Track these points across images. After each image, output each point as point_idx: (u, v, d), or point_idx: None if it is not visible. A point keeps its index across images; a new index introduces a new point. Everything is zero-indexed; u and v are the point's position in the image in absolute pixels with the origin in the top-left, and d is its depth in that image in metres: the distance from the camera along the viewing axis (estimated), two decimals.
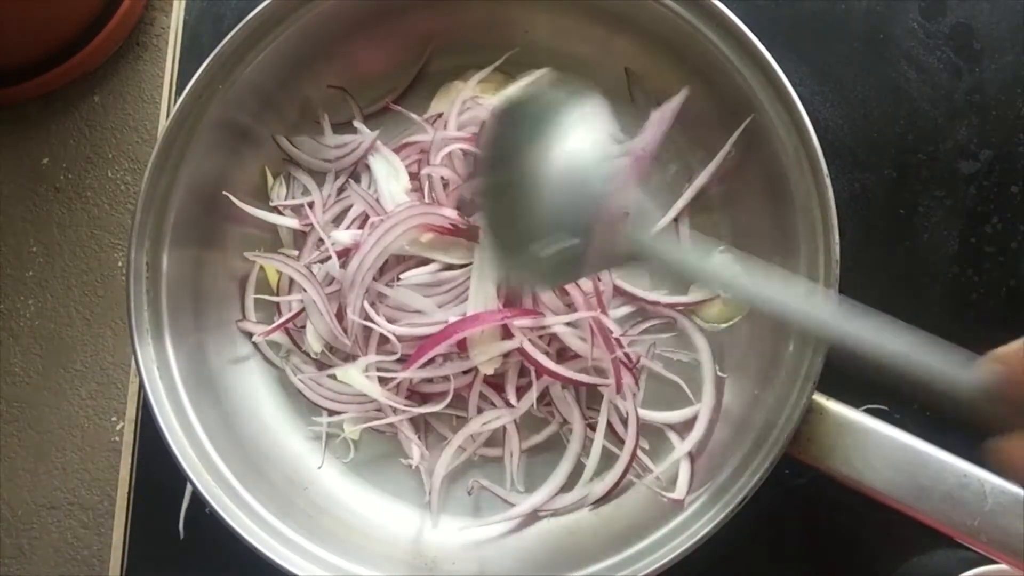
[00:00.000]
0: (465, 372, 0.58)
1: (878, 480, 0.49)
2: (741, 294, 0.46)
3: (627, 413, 0.56)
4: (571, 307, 0.57)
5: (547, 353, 0.56)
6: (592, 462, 0.57)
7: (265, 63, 0.56)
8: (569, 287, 0.56)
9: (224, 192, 0.58)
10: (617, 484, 0.57)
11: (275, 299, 0.61)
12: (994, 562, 0.50)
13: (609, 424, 0.57)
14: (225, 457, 0.55)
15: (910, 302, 0.61)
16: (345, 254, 0.59)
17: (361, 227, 0.59)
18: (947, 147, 0.61)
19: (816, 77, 0.62)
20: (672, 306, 0.59)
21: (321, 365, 0.61)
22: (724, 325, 0.59)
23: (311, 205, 0.61)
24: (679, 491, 0.54)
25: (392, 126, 0.62)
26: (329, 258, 0.59)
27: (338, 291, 0.59)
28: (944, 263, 0.61)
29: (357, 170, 0.62)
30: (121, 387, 0.67)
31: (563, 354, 0.57)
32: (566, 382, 0.57)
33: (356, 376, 0.58)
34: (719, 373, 0.58)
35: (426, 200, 0.59)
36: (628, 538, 0.52)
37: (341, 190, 0.62)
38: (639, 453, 0.57)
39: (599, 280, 0.58)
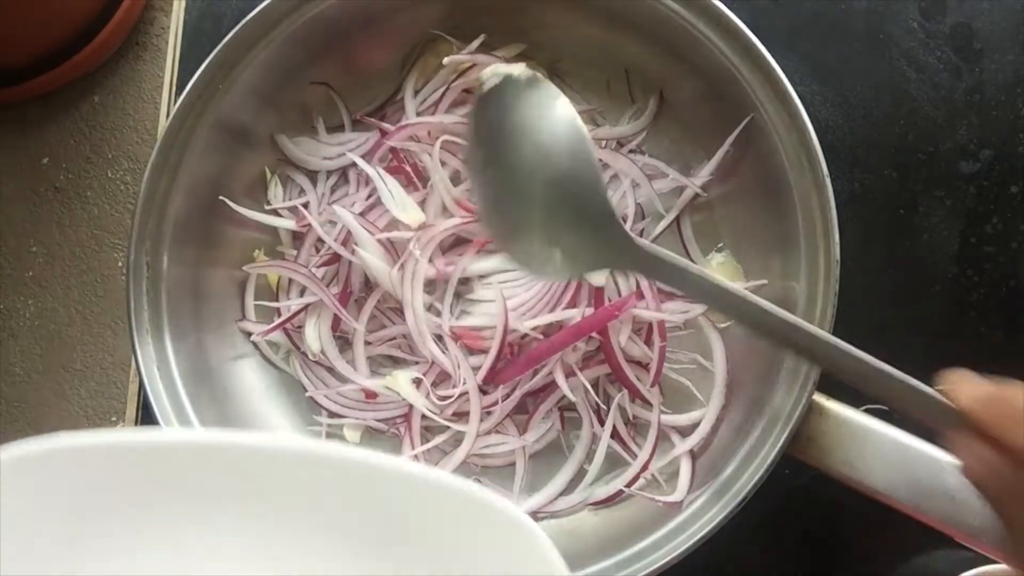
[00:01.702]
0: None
1: (878, 480, 0.49)
2: (744, 313, 0.46)
3: (650, 424, 0.57)
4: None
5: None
6: (595, 466, 0.57)
7: (265, 63, 0.56)
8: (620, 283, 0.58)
9: (221, 197, 0.58)
10: (621, 491, 0.57)
11: (275, 304, 0.61)
12: (994, 562, 0.50)
13: (614, 427, 0.57)
14: None
15: (910, 302, 0.61)
16: (336, 261, 0.59)
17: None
18: (947, 147, 0.61)
19: (816, 77, 0.62)
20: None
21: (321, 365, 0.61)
22: (724, 324, 0.59)
23: (307, 205, 0.61)
24: (679, 490, 0.54)
25: (392, 121, 0.62)
26: (330, 260, 0.60)
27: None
28: (944, 263, 0.61)
29: (347, 170, 0.62)
30: (121, 387, 0.67)
31: (588, 360, 0.58)
32: (628, 386, 0.57)
33: (403, 384, 0.58)
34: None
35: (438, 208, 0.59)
36: (628, 538, 0.52)
37: (334, 189, 0.62)
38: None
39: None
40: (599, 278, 0.56)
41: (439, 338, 0.58)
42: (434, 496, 0.41)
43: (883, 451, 0.49)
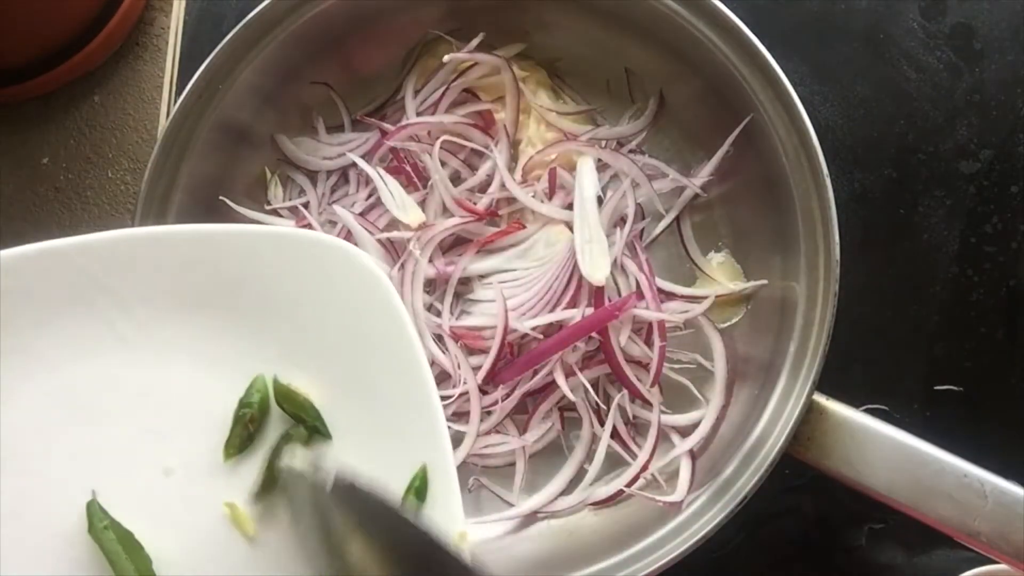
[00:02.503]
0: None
1: (878, 480, 0.49)
2: None
3: (650, 424, 0.57)
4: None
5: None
6: (595, 466, 0.57)
7: (265, 63, 0.56)
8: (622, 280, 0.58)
9: (221, 197, 0.58)
10: (621, 491, 0.57)
11: None
12: (994, 562, 0.50)
13: (614, 427, 0.57)
14: None
15: (910, 302, 0.61)
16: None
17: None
18: (947, 147, 0.61)
19: (816, 77, 0.62)
20: (693, 298, 0.59)
21: None
22: (724, 324, 0.59)
23: (307, 205, 0.61)
24: (679, 490, 0.54)
25: (392, 121, 0.62)
26: None
27: None
28: (944, 263, 0.61)
29: (347, 170, 0.62)
30: None
31: (588, 360, 0.58)
32: (628, 386, 0.57)
33: None
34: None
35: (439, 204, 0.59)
36: (628, 538, 0.52)
37: (334, 189, 0.62)
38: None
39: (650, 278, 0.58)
40: (599, 277, 0.56)
41: (439, 338, 0.58)
42: (265, 246, 0.46)
43: (883, 451, 0.49)
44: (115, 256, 0.46)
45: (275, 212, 0.61)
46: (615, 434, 0.57)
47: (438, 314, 0.58)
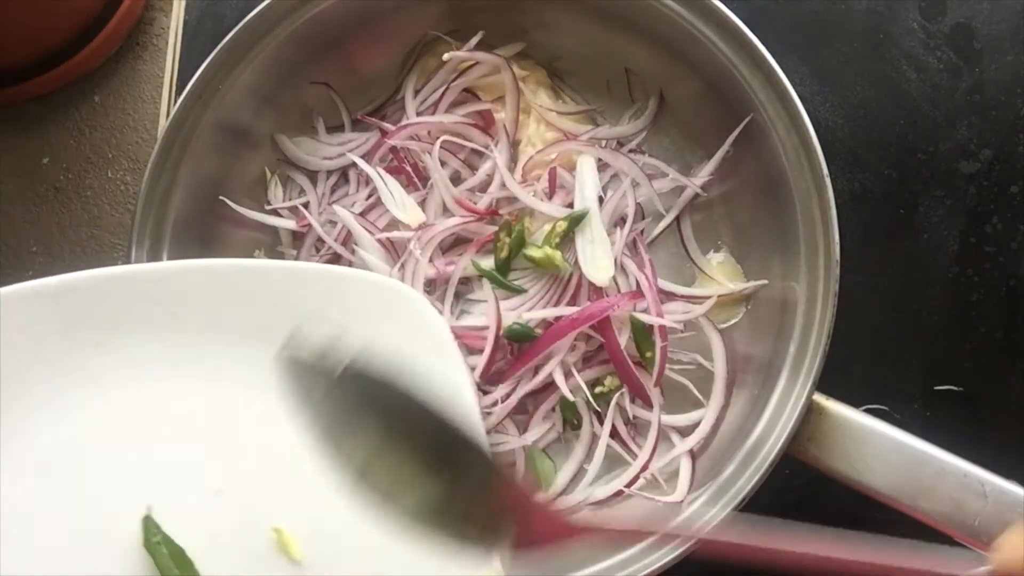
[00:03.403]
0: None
1: (878, 480, 0.49)
2: None
3: (650, 424, 0.57)
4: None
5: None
6: (595, 466, 0.57)
7: (265, 63, 0.56)
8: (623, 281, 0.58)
9: (221, 197, 0.58)
10: (621, 491, 0.57)
11: None
12: None
13: (613, 426, 0.57)
14: None
15: (910, 302, 0.61)
16: (336, 261, 0.59)
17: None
18: (947, 147, 0.61)
19: (816, 77, 0.62)
20: (694, 299, 0.59)
21: None
22: (724, 324, 0.59)
23: (307, 205, 0.61)
24: (679, 490, 0.54)
25: (392, 121, 0.62)
26: (330, 261, 0.60)
27: None
28: (944, 263, 0.61)
29: (347, 170, 0.62)
30: None
31: (588, 360, 0.58)
32: (633, 383, 0.57)
33: None
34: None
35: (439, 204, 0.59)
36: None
37: (334, 189, 0.62)
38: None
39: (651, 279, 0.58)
40: (603, 278, 0.56)
41: None
42: (322, 283, 0.48)
43: (883, 451, 0.49)
44: (177, 284, 0.47)
45: (275, 212, 0.61)
46: (615, 434, 0.57)
47: (438, 314, 0.58)
